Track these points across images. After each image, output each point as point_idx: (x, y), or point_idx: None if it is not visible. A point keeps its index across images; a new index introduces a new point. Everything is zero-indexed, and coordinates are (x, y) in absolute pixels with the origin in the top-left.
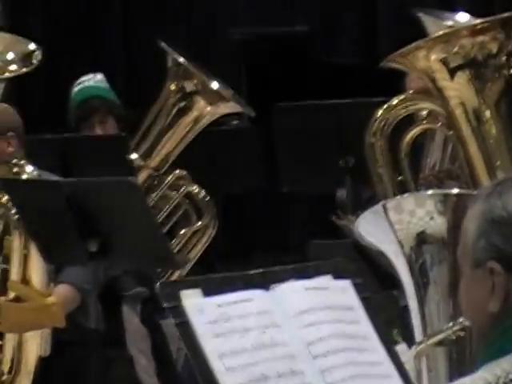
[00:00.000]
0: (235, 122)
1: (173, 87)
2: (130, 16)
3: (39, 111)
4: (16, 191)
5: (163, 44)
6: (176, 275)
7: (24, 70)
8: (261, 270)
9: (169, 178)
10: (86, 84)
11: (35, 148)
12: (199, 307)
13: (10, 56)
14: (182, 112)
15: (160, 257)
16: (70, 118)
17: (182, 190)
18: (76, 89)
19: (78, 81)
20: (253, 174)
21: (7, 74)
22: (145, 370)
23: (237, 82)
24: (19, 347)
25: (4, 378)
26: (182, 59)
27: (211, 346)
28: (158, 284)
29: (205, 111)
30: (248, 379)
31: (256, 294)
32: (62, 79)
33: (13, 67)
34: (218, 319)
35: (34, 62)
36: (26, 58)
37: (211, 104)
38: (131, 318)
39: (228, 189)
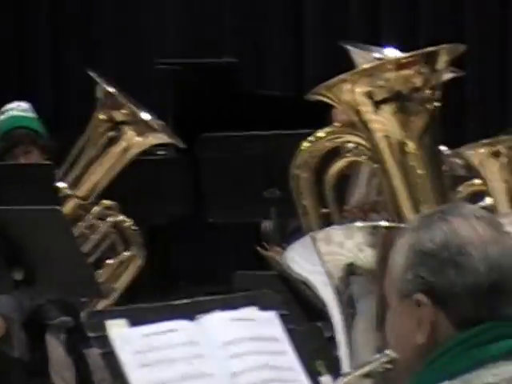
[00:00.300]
0: (162, 152)
1: (102, 117)
2: (58, 43)
3: None
4: None
5: (92, 73)
6: (102, 305)
7: None
8: (187, 301)
9: (96, 208)
10: (11, 113)
11: None
12: (125, 337)
13: None
14: (111, 142)
15: (84, 286)
16: None
17: (109, 220)
18: (0, 118)
19: (3, 109)
20: (179, 203)
21: None
22: None
23: (163, 112)
24: None
25: None
26: (111, 89)
27: (137, 377)
28: (84, 313)
29: (133, 141)
30: None
31: (182, 324)
32: None
33: None
34: (143, 349)
35: None
36: None
37: (140, 134)
38: (55, 347)
39: (154, 218)
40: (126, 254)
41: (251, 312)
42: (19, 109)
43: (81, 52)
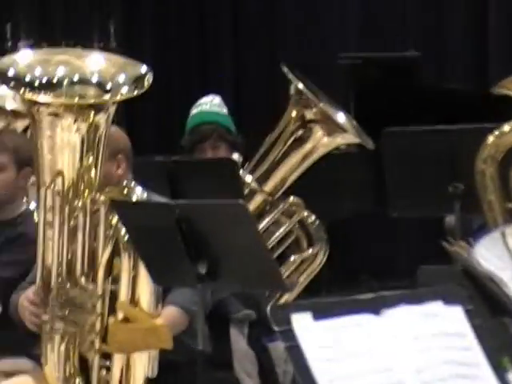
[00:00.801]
0: (343, 147)
1: (293, 114)
2: (241, 39)
3: (149, 133)
4: (126, 213)
5: (286, 70)
6: (284, 299)
7: (135, 92)
8: (371, 295)
9: (283, 205)
10: (202, 108)
11: (144, 170)
12: (310, 331)
13: (122, 78)
14: (300, 140)
15: (268, 280)
16: (185, 141)
17: (294, 216)
18: (193, 112)
19: (197, 103)
20: (361, 198)
21: (118, 97)
22: None
23: (345, 107)
24: (127, 368)
25: None
26: (303, 87)
27: (321, 371)
28: (269, 307)
29: (322, 141)
30: None
31: (367, 318)
32: (171, 102)
33: (124, 90)
34: (328, 343)
35: (146, 84)
36: (137, 80)
37: (329, 134)
38: (238, 340)
39: (336, 213)
40: (310, 251)
41: (437, 306)
42: (211, 104)
43: (263, 47)
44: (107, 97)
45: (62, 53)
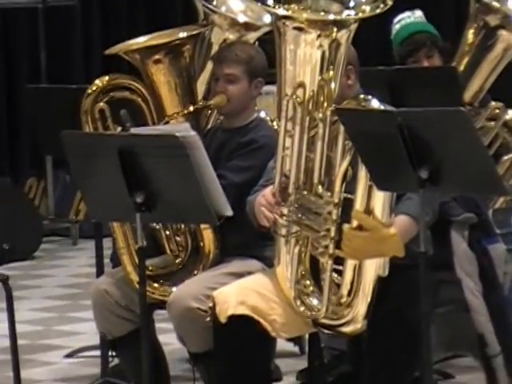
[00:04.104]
0: None
1: (475, 24)
2: None
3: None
4: (350, 119)
5: None
6: (499, 202)
7: (378, 10)
8: None
9: (486, 111)
10: (408, 20)
11: (367, 79)
12: None
13: None
14: (489, 47)
15: (489, 184)
16: (399, 51)
17: (498, 120)
18: (397, 26)
19: (398, 18)
20: None
21: (361, 15)
22: (472, 292)
23: None
24: (359, 271)
25: (343, 300)
26: None
27: None
28: (491, 211)
29: (510, 42)
30: None
31: None
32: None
33: (367, 8)
34: None
35: (389, 2)
36: None
37: None
38: (459, 243)
39: None
40: None
41: None
42: (414, 16)
43: None
44: (350, 14)
45: None
